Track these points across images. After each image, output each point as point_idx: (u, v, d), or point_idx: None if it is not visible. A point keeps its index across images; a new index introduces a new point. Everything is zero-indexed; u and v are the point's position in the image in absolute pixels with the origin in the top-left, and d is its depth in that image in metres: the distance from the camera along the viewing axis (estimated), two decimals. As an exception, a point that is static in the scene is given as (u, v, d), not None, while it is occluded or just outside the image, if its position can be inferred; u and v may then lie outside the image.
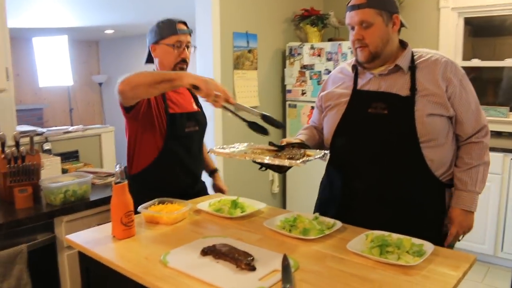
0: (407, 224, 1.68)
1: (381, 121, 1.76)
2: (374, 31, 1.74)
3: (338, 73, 2.01)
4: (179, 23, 2.12)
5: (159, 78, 1.77)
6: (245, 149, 1.84)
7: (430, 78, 1.74)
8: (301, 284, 1.27)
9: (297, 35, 4.62)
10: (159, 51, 2.12)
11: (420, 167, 1.74)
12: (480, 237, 3.70)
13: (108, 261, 1.48)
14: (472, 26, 4.43)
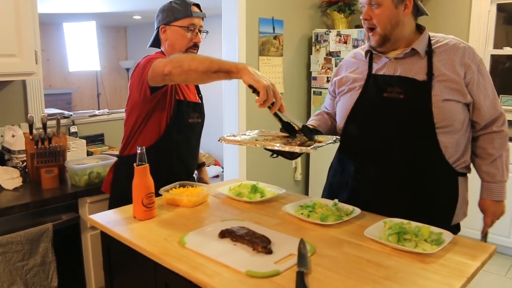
0: (419, 210, 1.69)
1: (396, 105, 1.73)
2: (382, 11, 1.70)
3: (351, 58, 1.99)
4: (194, 6, 2.07)
5: (215, 66, 1.65)
6: (256, 136, 1.83)
7: (447, 64, 1.71)
8: (317, 268, 1.28)
9: (324, 21, 4.57)
10: (170, 33, 2.05)
11: (434, 153, 1.71)
12: (505, 230, 3.63)
13: (128, 241, 1.51)
14: (506, 13, 4.31)
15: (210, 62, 1.66)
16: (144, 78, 1.86)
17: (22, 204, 2.05)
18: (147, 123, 2.01)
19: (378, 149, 1.78)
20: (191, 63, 1.68)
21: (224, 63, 1.65)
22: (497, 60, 4.28)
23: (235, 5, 3.64)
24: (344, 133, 1.88)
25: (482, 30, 4.16)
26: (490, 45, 4.20)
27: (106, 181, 2.19)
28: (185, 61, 1.71)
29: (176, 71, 1.71)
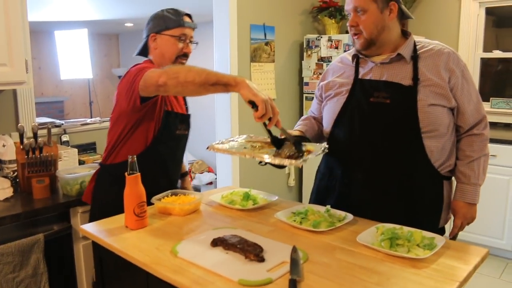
0: (405, 214, 1.71)
1: (383, 110, 1.75)
2: (368, 17, 1.73)
3: (338, 63, 2.00)
4: (185, 16, 2.05)
5: (213, 78, 1.60)
6: (244, 142, 1.81)
7: (432, 69, 1.73)
8: (309, 276, 1.27)
9: (315, 27, 4.59)
10: (161, 41, 2.02)
11: (420, 158, 1.73)
12: (498, 232, 3.64)
13: (120, 251, 1.50)
14: (495, 17, 4.34)
15: (208, 74, 1.61)
16: (134, 88, 1.83)
17: (13, 214, 2.04)
18: (133, 132, 1.97)
19: (364, 154, 1.79)
20: (188, 74, 1.64)
21: (222, 76, 1.61)
22: (486, 63, 4.31)
23: (226, 12, 3.65)
24: (331, 138, 1.90)
25: (471, 34, 4.20)
26: (479, 48, 4.24)
27: (87, 191, 2.14)
28: (181, 72, 1.66)
29: (172, 82, 1.67)
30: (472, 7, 4.15)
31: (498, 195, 3.60)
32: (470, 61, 4.24)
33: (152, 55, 2.08)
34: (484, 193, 1.87)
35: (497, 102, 4.13)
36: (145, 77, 1.77)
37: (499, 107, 4.11)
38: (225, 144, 1.77)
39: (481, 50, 4.25)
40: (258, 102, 1.54)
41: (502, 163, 3.59)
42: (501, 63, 4.36)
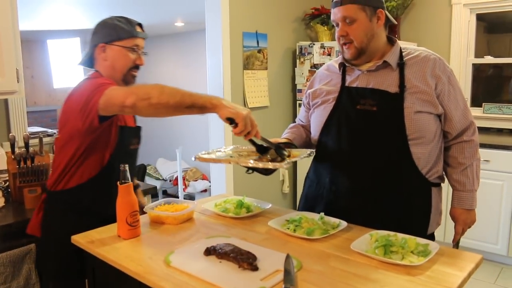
0: (394, 221, 1.70)
1: (370, 117, 1.75)
2: (358, 26, 1.72)
3: (324, 70, 2.00)
4: (138, 25, 1.93)
5: (188, 101, 1.54)
6: (231, 152, 1.82)
7: (419, 76, 1.73)
8: (303, 284, 1.26)
9: (308, 34, 4.60)
10: (111, 52, 1.86)
11: (407, 165, 1.73)
12: (493, 237, 3.65)
13: (113, 261, 1.49)
14: (486, 23, 4.37)
15: (182, 96, 1.55)
16: (93, 107, 1.66)
17: (4, 225, 2.02)
18: (89, 154, 1.79)
19: (352, 161, 1.79)
20: (161, 96, 1.54)
21: (197, 98, 1.55)
22: (478, 68, 4.34)
23: (219, 20, 3.65)
24: (319, 145, 1.90)
25: (463, 40, 4.22)
26: (471, 54, 4.26)
27: (34, 222, 1.93)
28: (153, 93, 1.54)
29: (142, 104, 1.55)
30: (463, 13, 4.18)
31: (492, 200, 3.61)
32: (462, 67, 4.26)
33: (101, 67, 1.90)
34: (478, 198, 1.88)
35: (489, 107, 4.15)
36: (106, 95, 1.63)
37: (492, 112, 4.13)
38: (212, 154, 1.77)
39: (473, 56, 4.27)
40: (238, 120, 1.53)
41: (495, 168, 3.60)
42: (493, 68, 4.38)
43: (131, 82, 1.91)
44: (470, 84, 4.30)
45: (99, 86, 1.68)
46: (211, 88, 3.79)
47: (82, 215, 1.82)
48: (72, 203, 1.75)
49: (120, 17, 1.89)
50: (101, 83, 1.70)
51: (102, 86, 1.66)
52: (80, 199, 1.82)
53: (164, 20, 5.81)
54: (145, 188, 2.63)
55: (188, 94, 1.55)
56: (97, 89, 1.66)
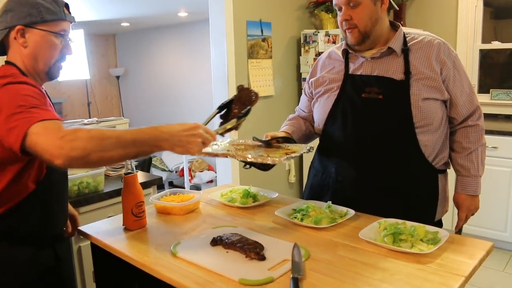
0: (401, 209, 1.67)
1: (375, 106, 1.72)
2: (362, 10, 1.68)
3: (326, 58, 1.96)
4: (65, 7, 1.53)
5: (133, 151, 1.30)
6: (228, 145, 1.77)
7: (424, 61, 1.70)
8: (311, 273, 1.25)
9: (312, 22, 4.56)
10: (34, 38, 1.46)
11: (414, 152, 1.71)
12: (501, 224, 3.62)
13: (119, 252, 1.48)
14: (493, 8, 4.31)
15: (126, 146, 1.28)
16: (12, 145, 1.26)
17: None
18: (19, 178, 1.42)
19: (358, 150, 1.76)
20: (101, 153, 1.24)
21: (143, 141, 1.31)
22: (486, 54, 4.28)
23: (222, 9, 3.62)
24: (323, 135, 1.87)
25: (470, 25, 4.16)
26: (478, 40, 4.21)
27: None
28: (92, 149, 1.23)
29: (78, 163, 1.26)
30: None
31: (500, 188, 3.58)
32: (469, 52, 4.21)
33: (17, 55, 1.48)
34: (486, 185, 1.86)
35: (497, 93, 4.10)
36: (30, 142, 1.23)
37: (500, 98, 4.08)
38: (208, 148, 1.69)
39: (480, 42, 4.21)
40: (191, 154, 1.39)
41: (503, 155, 3.56)
42: (500, 54, 4.32)
43: (56, 75, 1.56)
44: (477, 70, 4.24)
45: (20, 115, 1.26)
46: (216, 78, 3.77)
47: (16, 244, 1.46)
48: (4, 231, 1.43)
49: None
50: (21, 105, 1.28)
51: (23, 119, 1.25)
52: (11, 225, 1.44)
53: (167, 10, 5.78)
54: (151, 179, 2.62)
55: (131, 141, 1.29)
56: (11, 124, 1.26)
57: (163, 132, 1.34)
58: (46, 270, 1.54)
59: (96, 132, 1.26)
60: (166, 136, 1.33)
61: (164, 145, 1.34)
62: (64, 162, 1.21)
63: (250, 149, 1.70)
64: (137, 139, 1.30)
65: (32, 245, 1.49)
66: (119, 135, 1.28)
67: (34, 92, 1.34)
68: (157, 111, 7.87)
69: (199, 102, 6.93)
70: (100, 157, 1.25)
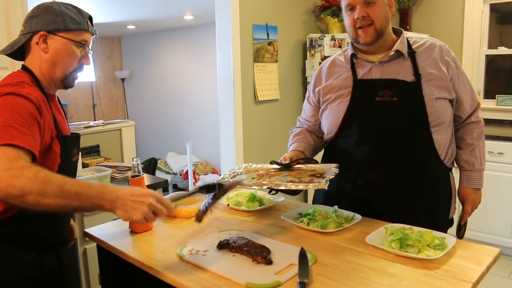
0: (423, 209, 1.74)
1: (391, 108, 1.73)
2: (377, 8, 1.71)
3: (329, 66, 1.95)
4: (88, 19, 1.60)
5: (73, 203, 1.24)
6: (246, 171, 1.77)
7: (430, 63, 1.75)
8: (318, 278, 1.25)
9: (318, 26, 4.56)
10: (55, 45, 1.50)
11: (430, 152, 1.75)
12: (507, 230, 3.60)
13: (125, 255, 1.48)
14: (499, 13, 4.30)
15: (66, 200, 1.23)
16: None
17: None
18: None
19: (376, 153, 1.77)
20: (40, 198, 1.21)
21: (92, 200, 1.26)
22: (491, 60, 4.27)
23: (229, 13, 3.62)
24: (337, 141, 1.87)
25: (476, 31, 4.16)
26: (484, 45, 4.20)
27: None
28: (31, 190, 1.19)
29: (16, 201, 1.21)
30: (476, 4, 4.11)
31: (506, 193, 3.56)
32: (475, 58, 4.20)
33: (35, 60, 1.52)
34: (492, 191, 1.89)
35: (503, 99, 4.09)
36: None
37: (505, 104, 4.07)
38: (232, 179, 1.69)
39: (486, 47, 4.21)
40: (134, 222, 1.33)
41: (509, 161, 3.54)
42: (506, 59, 4.31)
43: (71, 84, 1.59)
44: (483, 76, 4.24)
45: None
46: (221, 81, 3.77)
47: (20, 248, 1.47)
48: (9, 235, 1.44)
49: (68, 4, 1.55)
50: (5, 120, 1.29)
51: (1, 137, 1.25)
52: (19, 229, 1.46)
53: (173, 13, 5.80)
54: (156, 181, 2.63)
55: (73, 196, 1.24)
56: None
57: (110, 192, 1.28)
58: (49, 274, 1.55)
59: (43, 175, 1.23)
60: (111, 197, 1.27)
61: (106, 205, 1.27)
62: (1, 196, 1.20)
63: (275, 174, 1.67)
64: (82, 193, 1.25)
65: (36, 249, 1.50)
66: (64, 184, 1.24)
67: (25, 111, 1.34)
68: (162, 113, 7.89)
69: (204, 105, 6.94)
70: (38, 201, 1.21)
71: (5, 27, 2.24)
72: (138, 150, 3.44)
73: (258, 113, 3.87)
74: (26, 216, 1.42)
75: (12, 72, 1.53)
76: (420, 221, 1.62)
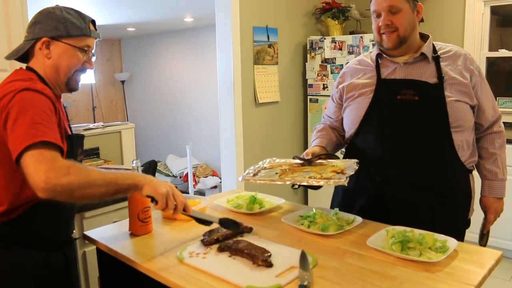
0: (441, 208, 1.77)
1: (412, 107, 1.77)
2: (402, 16, 1.75)
3: (356, 65, 2.00)
4: (91, 23, 1.61)
5: (113, 189, 1.36)
6: (270, 166, 1.84)
7: (454, 69, 1.79)
8: (319, 281, 1.24)
9: (318, 28, 4.56)
10: (58, 50, 1.53)
11: (449, 151, 1.77)
12: (508, 233, 3.59)
13: (125, 257, 1.47)
14: (500, 16, 4.30)
15: (108, 185, 1.35)
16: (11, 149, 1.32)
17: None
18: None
19: (396, 150, 1.80)
20: (85, 190, 1.31)
21: (122, 181, 1.38)
22: (492, 62, 4.27)
23: (229, 15, 3.62)
24: (357, 138, 1.90)
25: (476, 33, 4.16)
26: (485, 48, 4.20)
27: None
28: (76, 186, 1.29)
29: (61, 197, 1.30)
30: (477, 6, 4.11)
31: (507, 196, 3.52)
32: (476, 60, 4.18)
33: (39, 65, 1.55)
34: None
35: (504, 101, 4.08)
36: (24, 161, 1.28)
37: (506, 106, 4.07)
38: (257, 175, 1.76)
39: (487, 50, 4.20)
40: (157, 197, 1.41)
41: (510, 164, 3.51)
42: (507, 62, 4.31)
43: (75, 87, 1.62)
44: (484, 78, 4.24)
45: (26, 127, 1.31)
46: (222, 83, 3.77)
47: (27, 247, 1.50)
48: (16, 235, 1.47)
49: (70, 9, 1.58)
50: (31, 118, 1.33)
51: (27, 134, 1.30)
52: (27, 229, 1.50)
53: (173, 15, 5.80)
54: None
55: (113, 181, 1.36)
56: (22, 133, 1.31)
57: (138, 175, 1.44)
58: (57, 272, 1.58)
59: (84, 169, 1.33)
60: (140, 178, 1.42)
61: (138, 184, 1.40)
62: (48, 196, 1.27)
63: (297, 169, 1.74)
64: (119, 177, 1.38)
65: (44, 248, 1.53)
66: (103, 174, 1.36)
67: (46, 106, 1.40)
68: (162, 116, 7.88)
69: (204, 108, 6.93)
70: (84, 193, 1.31)
71: (6, 36, 2.24)
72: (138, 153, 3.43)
73: (258, 116, 3.86)
74: (31, 216, 1.47)
75: (16, 70, 1.55)
76: (438, 219, 1.73)
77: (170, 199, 1.42)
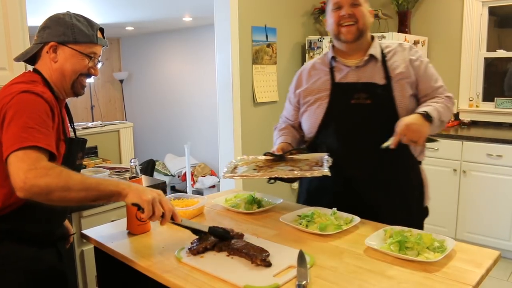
0: (399, 201, 1.86)
1: (365, 110, 1.83)
2: (362, 9, 1.85)
3: (310, 69, 2.03)
4: (99, 31, 1.66)
5: (93, 194, 1.35)
6: (244, 163, 1.86)
7: (399, 62, 1.86)
8: (317, 281, 1.24)
9: (317, 28, 4.56)
10: (64, 55, 1.56)
11: (403, 149, 1.79)
12: (505, 233, 3.59)
13: (122, 256, 1.47)
14: (498, 17, 4.31)
15: (89, 190, 1.35)
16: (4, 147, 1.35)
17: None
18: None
19: (354, 152, 1.86)
20: (65, 193, 1.31)
21: (104, 187, 1.37)
22: (490, 63, 4.28)
23: (228, 14, 3.62)
24: (316, 141, 1.95)
25: (474, 33, 4.17)
26: (483, 48, 4.21)
27: None
28: (55, 189, 1.29)
29: (39, 198, 1.30)
30: (475, 7, 4.12)
31: (505, 196, 3.55)
32: (474, 60, 4.20)
33: (46, 68, 1.58)
34: (491, 193, 1.87)
35: (501, 102, 4.09)
36: (9, 161, 1.31)
37: (504, 107, 4.08)
38: (233, 171, 1.77)
39: (485, 50, 4.21)
40: (142, 204, 1.39)
41: (508, 164, 3.54)
42: (504, 62, 4.32)
43: (80, 92, 1.66)
44: (482, 79, 4.24)
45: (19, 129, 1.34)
46: (220, 83, 3.77)
47: (19, 243, 1.51)
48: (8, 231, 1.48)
49: (80, 16, 1.62)
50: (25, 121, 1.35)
51: (19, 136, 1.32)
52: (19, 224, 1.51)
53: (172, 15, 5.79)
54: (155, 183, 2.62)
55: (95, 187, 1.36)
56: (14, 135, 1.33)
57: (123, 182, 1.43)
58: (50, 267, 1.59)
59: (65, 173, 1.33)
60: (125, 185, 1.41)
61: (122, 191, 1.39)
62: (25, 196, 1.28)
63: (273, 165, 1.78)
64: (101, 183, 1.38)
65: (36, 243, 1.54)
66: (84, 179, 1.36)
67: (43, 110, 1.41)
68: (160, 115, 7.88)
69: (202, 107, 6.93)
70: (63, 196, 1.31)
71: (5, 46, 2.24)
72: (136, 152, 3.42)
73: (256, 115, 3.86)
74: (24, 210, 1.48)
75: (23, 72, 1.61)
76: (397, 211, 1.82)
77: (157, 206, 1.40)
